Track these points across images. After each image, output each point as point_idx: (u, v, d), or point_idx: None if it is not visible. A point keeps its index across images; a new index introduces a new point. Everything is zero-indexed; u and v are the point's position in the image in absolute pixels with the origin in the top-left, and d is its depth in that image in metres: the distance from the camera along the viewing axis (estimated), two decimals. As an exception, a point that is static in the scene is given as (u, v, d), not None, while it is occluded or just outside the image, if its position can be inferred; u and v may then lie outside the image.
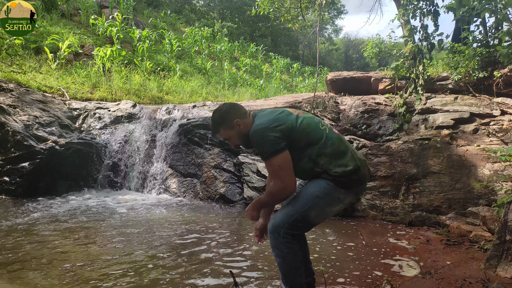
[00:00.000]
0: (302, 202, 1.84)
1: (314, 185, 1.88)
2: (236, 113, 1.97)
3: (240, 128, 1.95)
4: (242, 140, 1.98)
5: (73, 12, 11.62)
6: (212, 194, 5.33)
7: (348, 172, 1.84)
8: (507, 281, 2.38)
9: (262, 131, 1.81)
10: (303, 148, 1.87)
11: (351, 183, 1.87)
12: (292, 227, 1.82)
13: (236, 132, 1.96)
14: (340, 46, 27.90)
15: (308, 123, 1.91)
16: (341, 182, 1.85)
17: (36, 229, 3.53)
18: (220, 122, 1.97)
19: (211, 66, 12.28)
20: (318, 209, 1.84)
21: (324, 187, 1.85)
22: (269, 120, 1.85)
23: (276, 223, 1.85)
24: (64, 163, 5.38)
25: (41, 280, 2.38)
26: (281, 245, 1.82)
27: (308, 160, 1.88)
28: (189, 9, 21.00)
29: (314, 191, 1.86)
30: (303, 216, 1.83)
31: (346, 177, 1.85)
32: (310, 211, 1.83)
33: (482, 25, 5.47)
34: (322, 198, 1.84)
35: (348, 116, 5.41)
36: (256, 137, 1.83)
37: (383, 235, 3.81)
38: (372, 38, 9.69)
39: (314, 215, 1.85)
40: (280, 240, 1.81)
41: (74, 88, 7.29)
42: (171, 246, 3.22)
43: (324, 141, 1.88)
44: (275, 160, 1.77)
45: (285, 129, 1.83)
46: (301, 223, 1.84)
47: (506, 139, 4.35)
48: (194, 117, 6.02)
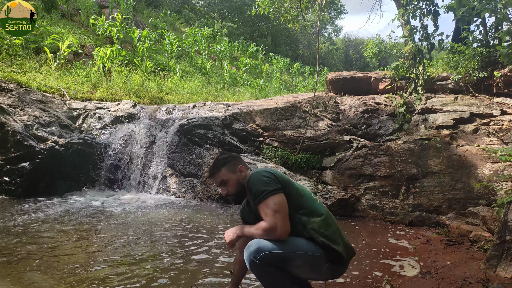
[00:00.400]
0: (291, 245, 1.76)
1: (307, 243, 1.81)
2: (242, 162, 2.01)
3: (240, 175, 1.95)
4: (238, 189, 1.95)
5: (73, 12, 11.62)
6: (212, 194, 5.33)
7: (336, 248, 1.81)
8: (507, 281, 2.38)
9: (258, 173, 1.83)
10: (294, 207, 1.83)
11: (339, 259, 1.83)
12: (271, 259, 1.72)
13: (236, 178, 1.94)
14: (340, 46, 27.89)
15: (303, 188, 1.93)
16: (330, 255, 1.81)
17: (36, 229, 3.53)
18: (225, 162, 1.96)
19: (211, 66, 12.28)
20: (300, 262, 1.78)
21: (314, 250, 1.80)
22: (266, 169, 1.88)
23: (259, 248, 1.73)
24: (64, 163, 5.38)
25: (41, 280, 2.38)
26: (259, 266, 1.74)
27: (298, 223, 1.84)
28: (189, 9, 21.00)
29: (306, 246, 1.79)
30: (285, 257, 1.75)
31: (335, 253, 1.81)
32: (294, 258, 1.76)
33: (482, 25, 5.47)
34: (311, 257, 1.79)
35: (348, 116, 5.41)
36: (253, 179, 1.81)
37: (383, 235, 3.81)
38: (372, 38, 9.70)
39: (294, 264, 1.77)
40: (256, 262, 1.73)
41: (74, 88, 7.29)
42: (171, 246, 3.21)
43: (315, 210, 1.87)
44: (272, 200, 1.73)
45: (281, 177, 1.85)
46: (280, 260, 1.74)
47: (506, 139, 4.35)
48: (194, 117, 6.02)
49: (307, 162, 5.14)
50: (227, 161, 1.97)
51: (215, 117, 5.91)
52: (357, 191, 4.70)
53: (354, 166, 4.84)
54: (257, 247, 1.73)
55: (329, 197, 4.66)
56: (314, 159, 5.16)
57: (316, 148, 5.30)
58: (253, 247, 1.73)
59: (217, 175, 1.96)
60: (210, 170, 2.02)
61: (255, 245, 1.74)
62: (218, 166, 1.96)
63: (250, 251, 1.73)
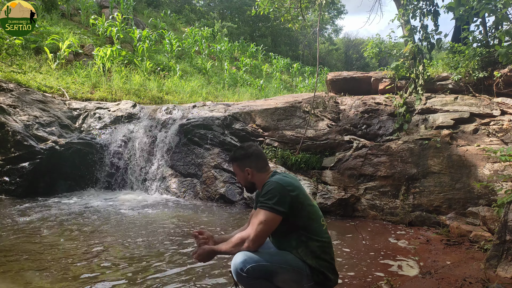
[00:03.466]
0: (278, 258, 1.79)
1: (295, 259, 1.83)
2: (255, 162, 2.00)
3: (247, 176, 2.00)
4: (246, 184, 2.05)
5: (73, 12, 11.62)
6: (212, 194, 5.33)
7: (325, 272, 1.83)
8: (507, 281, 2.38)
9: (277, 185, 1.81)
10: (299, 227, 1.85)
11: (324, 283, 1.84)
12: (257, 270, 1.74)
13: (244, 176, 2.02)
14: (340, 46, 27.87)
15: (315, 211, 1.93)
16: (317, 277, 1.82)
17: (36, 229, 3.53)
18: (237, 159, 2.04)
19: (211, 66, 12.28)
20: (286, 276, 1.79)
21: (302, 268, 1.82)
22: (288, 182, 1.86)
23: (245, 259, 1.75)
24: (64, 163, 5.38)
25: (41, 280, 2.38)
26: (246, 279, 1.76)
27: (295, 240, 1.85)
28: (189, 9, 21.00)
29: (295, 262, 1.82)
30: (270, 270, 1.76)
31: (323, 275, 1.83)
32: (279, 271, 1.78)
33: (482, 25, 5.47)
34: (296, 273, 1.80)
35: (348, 116, 5.41)
36: (270, 187, 1.82)
37: (383, 235, 3.81)
38: (372, 38, 9.70)
39: (280, 278, 1.79)
40: (243, 275, 1.75)
41: (74, 88, 7.29)
42: (171, 246, 3.21)
43: (319, 235, 1.89)
44: (265, 215, 1.76)
45: (295, 197, 1.82)
46: (265, 272, 1.76)
47: (506, 139, 4.35)
48: (194, 117, 6.02)
49: (307, 162, 5.15)
50: (238, 159, 2.02)
51: (215, 117, 5.91)
52: (357, 191, 4.70)
53: (354, 166, 4.84)
54: (243, 259, 1.74)
55: (329, 197, 4.66)
56: (314, 159, 5.16)
57: (316, 148, 5.30)
58: (239, 259, 1.75)
59: (232, 165, 2.09)
60: (229, 157, 2.12)
61: (241, 256, 1.75)
62: (232, 158, 2.08)
63: (236, 263, 1.75)
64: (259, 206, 1.80)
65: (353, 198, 4.66)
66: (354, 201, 4.66)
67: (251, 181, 2.00)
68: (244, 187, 2.10)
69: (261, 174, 1.99)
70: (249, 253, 1.76)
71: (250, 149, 2.02)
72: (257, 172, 1.99)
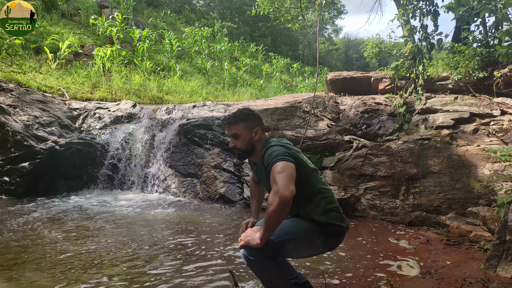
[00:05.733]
0: (282, 231, 1.79)
1: (299, 222, 1.86)
2: (261, 124, 2.01)
3: (253, 137, 1.96)
4: (247, 147, 1.97)
5: (73, 12, 11.62)
6: (212, 194, 5.33)
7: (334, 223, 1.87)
8: (507, 281, 2.38)
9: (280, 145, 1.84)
10: (302, 182, 1.85)
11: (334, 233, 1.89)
12: (265, 250, 1.76)
13: (249, 137, 1.96)
14: (340, 46, 27.86)
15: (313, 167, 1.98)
16: (326, 230, 1.85)
17: (36, 229, 3.53)
18: (245, 118, 1.97)
19: (211, 66, 12.28)
20: (294, 245, 1.82)
21: (307, 228, 1.84)
22: (286, 141, 1.93)
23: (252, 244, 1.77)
24: (64, 163, 5.38)
25: (41, 280, 2.38)
26: (255, 263, 1.79)
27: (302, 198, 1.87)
28: (189, 9, 21.00)
29: (297, 227, 1.84)
30: (278, 245, 1.78)
31: (333, 227, 1.86)
32: (286, 243, 1.79)
33: (482, 25, 5.46)
34: (302, 237, 1.83)
35: (348, 116, 5.41)
36: (273, 148, 1.82)
37: (383, 235, 3.81)
38: (372, 38, 9.69)
39: (288, 248, 1.81)
40: (252, 259, 1.78)
41: (74, 88, 7.29)
42: (171, 246, 3.21)
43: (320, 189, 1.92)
44: (280, 164, 1.70)
45: (296, 152, 1.89)
46: (274, 248, 1.78)
47: (506, 139, 4.35)
48: (194, 117, 6.02)
49: (307, 162, 5.14)
50: (248, 118, 1.98)
51: (215, 117, 5.91)
52: (357, 191, 4.70)
53: (354, 166, 4.84)
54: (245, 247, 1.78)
55: (329, 197, 4.66)
56: (314, 159, 5.16)
57: (316, 148, 5.30)
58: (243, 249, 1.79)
59: (234, 127, 1.96)
60: (229, 119, 1.99)
61: (247, 242, 1.77)
62: (238, 119, 1.98)
63: (244, 249, 1.78)
64: (271, 163, 1.74)
65: (353, 198, 4.66)
66: (354, 201, 4.66)
67: (254, 143, 1.97)
68: (243, 151, 1.98)
69: (263, 138, 2.00)
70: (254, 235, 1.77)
71: (255, 112, 2.03)
72: (261, 136, 1.99)
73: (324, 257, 3.03)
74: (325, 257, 3.02)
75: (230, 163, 5.47)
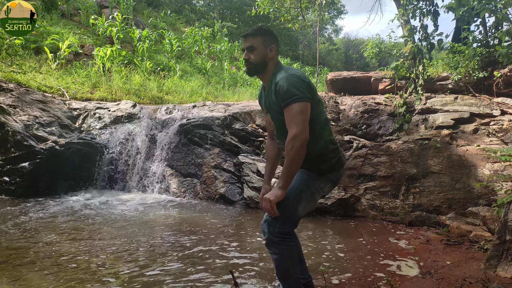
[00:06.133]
0: (287, 200, 1.85)
1: (294, 180, 1.90)
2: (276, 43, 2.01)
3: (267, 53, 1.97)
4: (259, 61, 1.97)
5: (73, 12, 11.61)
6: (212, 194, 5.33)
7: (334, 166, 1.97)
8: (507, 281, 2.38)
9: (298, 78, 1.84)
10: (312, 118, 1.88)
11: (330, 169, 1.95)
12: (283, 225, 1.86)
13: (264, 52, 1.97)
14: (340, 46, 27.85)
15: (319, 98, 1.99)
16: (320, 170, 1.93)
17: (36, 229, 3.53)
18: (264, 34, 1.99)
19: (211, 66, 12.27)
20: (304, 203, 1.90)
21: (305, 179, 1.91)
22: (300, 72, 1.90)
23: (269, 222, 1.88)
24: (64, 163, 5.38)
25: (40, 280, 2.38)
26: (276, 244, 1.86)
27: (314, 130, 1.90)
28: (189, 9, 20.99)
29: (296, 186, 1.90)
30: (291, 212, 1.87)
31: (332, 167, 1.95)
32: (297, 207, 1.88)
33: (482, 25, 5.47)
34: (305, 191, 1.90)
35: (348, 116, 5.41)
36: (287, 77, 1.83)
37: (383, 235, 3.81)
38: (372, 38, 9.67)
39: (301, 209, 1.89)
40: (275, 240, 1.85)
41: (74, 88, 7.29)
42: (171, 246, 3.22)
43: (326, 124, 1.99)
44: (299, 106, 1.77)
45: (311, 84, 1.89)
46: (290, 219, 1.88)
47: (506, 139, 4.35)
48: (194, 117, 6.02)
49: (307, 162, 5.13)
50: (267, 34, 2.00)
51: (215, 117, 5.91)
52: (357, 191, 4.70)
53: (354, 166, 4.84)
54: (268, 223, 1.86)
55: (329, 197, 4.66)
56: (314, 159, 5.15)
57: (316, 148, 5.29)
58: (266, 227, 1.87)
59: (251, 39, 1.98)
60: (249, 31, 2.02)
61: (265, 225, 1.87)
62: (257, 32, 1.99)
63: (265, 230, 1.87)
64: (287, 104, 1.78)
65: (353, 198, 4.66)
66: (354, 201, 4.66)
67: (267, 60, 1.98)
68: (255, 65, 1.98)
69: (276, 59, 2.01)
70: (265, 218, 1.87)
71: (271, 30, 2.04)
72: (275, 55, 2.00)
73: (323, 256, 3.03)
74: (324, 257, 3.02)
75: (230, 163, 5.47)
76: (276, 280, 2.46)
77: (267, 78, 2.00)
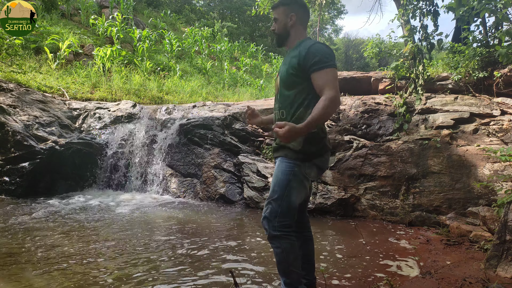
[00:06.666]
0: (279, 193, 1.89)
1: (280, 172, 1.93)
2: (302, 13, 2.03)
3: (288, 22, 2.01)
4: (281, 31, 2.03)
5: (73, 12, 11.62)
6: (212, 194, 5.33)
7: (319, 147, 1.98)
8: (507, 281, 2.38)
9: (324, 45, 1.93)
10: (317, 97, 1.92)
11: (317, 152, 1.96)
12: (283, 218, 1.88)
13: (285, 21, 2.01)
14: (340, 46, 27.86)
15: None
16: (308, 153, 1.93)
17: (36, 229, 3.53)
18: (285, 3, 2.03)
19: (211, 66, 12.27)
20: (295, 192, 1.91)
21: (290, 167, 1.92)
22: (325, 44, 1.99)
23: (268, 218, 1.91)
24: (64, 163, 5.38)
25: (40, 280, 2.38)
26: (279, 238, 1.88)
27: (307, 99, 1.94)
28: (189, 9, 21.00)
29: (283, 177, 1.92)
30: (287, 204, 1.89)
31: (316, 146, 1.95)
32: (290, 197, 1.90)
33: (482, 25, 5.46)
34: (293, 180, 1.91)
35: (348, 116, 5.41)
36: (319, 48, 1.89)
37: (383, 235, 3.81)
38: (372, 38, 9.67)
39: (294, 198, 1.91)
40: (277, 234, 1.88)
41: (74, 88, 7.29)
42: (171, 246, 3.21)
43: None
44: (333, 72, 1.86)
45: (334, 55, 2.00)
46: (287, 210, 1.89)
47: (506, 139, 4.34)
48: (194, 117, 6.02)
49: (307, 162, 5.13)
50: (288, 3, 2.03)
51: (215, 117, 5.91)
52: (357, 191, 4.70)
53: (354, 166, 4.84)
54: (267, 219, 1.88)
55: (329, 197, 4.66)
56: (314, 159, 5.15)
57: (316, 148, 5.29)
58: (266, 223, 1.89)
59: (275, 10, 2.06)
60: (275, 3, 2.09)
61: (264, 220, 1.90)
62: (279, 2, 2.05)
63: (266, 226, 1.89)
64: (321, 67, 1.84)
65: (353, 198, 4.66)
66: (354, 201, 4.66)
67: (289, 29, 2.02)
68: (278, 35, 2.05)
69: (300, 28, 2.04)
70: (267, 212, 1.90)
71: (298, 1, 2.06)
72: (298, 24, 2.03)
73: (323, 257, 3.03)
74: (324, 257, 3.02)
75: (230, 163, 5.47)
76: (276, 280, 2.46)
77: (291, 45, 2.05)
